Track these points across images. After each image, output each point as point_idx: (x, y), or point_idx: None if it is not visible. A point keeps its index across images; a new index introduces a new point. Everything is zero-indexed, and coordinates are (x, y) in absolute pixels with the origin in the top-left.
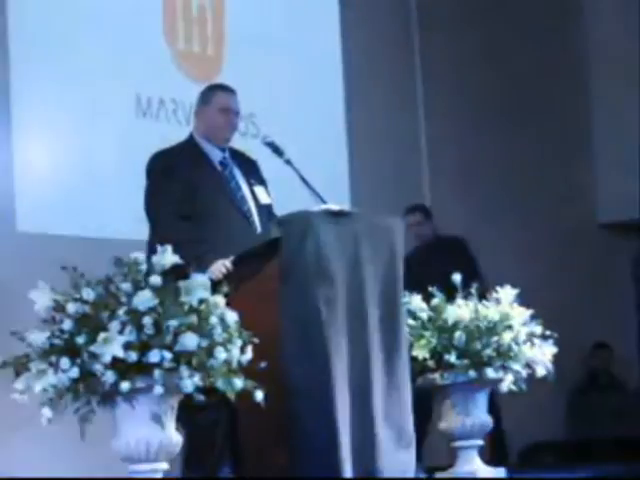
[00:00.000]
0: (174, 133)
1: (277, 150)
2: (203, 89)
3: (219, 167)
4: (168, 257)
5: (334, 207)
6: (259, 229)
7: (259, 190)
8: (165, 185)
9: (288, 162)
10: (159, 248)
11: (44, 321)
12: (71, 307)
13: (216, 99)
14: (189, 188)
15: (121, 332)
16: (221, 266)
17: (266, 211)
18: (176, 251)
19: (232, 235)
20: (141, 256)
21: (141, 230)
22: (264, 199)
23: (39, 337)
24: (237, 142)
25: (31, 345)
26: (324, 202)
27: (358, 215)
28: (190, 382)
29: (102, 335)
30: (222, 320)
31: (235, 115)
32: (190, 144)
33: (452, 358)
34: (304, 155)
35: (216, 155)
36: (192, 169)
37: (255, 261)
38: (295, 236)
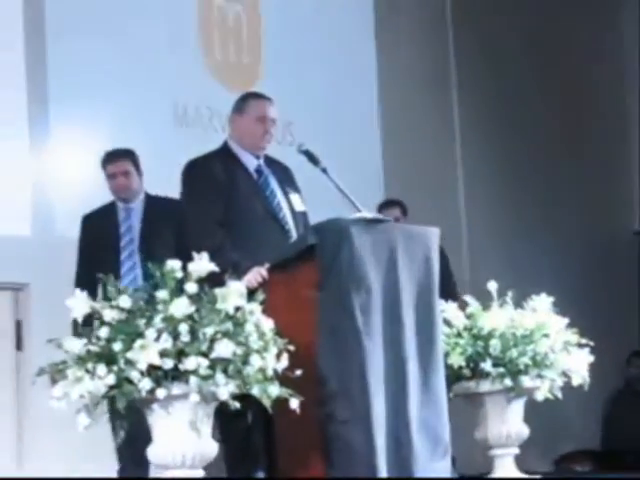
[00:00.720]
0: (210, 141)
1: (313, 158)
2: (239, 97)
3: (254, 175)
4: (204, 264)
5: (369, 215)
6: (294, 236)
7: (294, 197)
8: (201, 192)
9: (324, 170)
10: (195, 255)
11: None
12: (108, 314)
13: (252, 107)
14: (225, 195)
15: (157, 339)
16: (257, 274)
17: (301, 218)
18: (212, 258)
19: (268, 242)
20: (177, 263)
21: None
22: (299, 206)
23: (76, 344)
24: (274, 150)
25: (68, 352)
26: (359, 210)
27: (393, 223)
28: (226, 389)
29: (138, 342)
30: (258, 327)
31: (272, 123)
32: (225, 152)
33: (488, 366)
34: (339, 163)
35: (251, 163)
36: (227, 176)
37: (291, 268)
38: (331, 244)
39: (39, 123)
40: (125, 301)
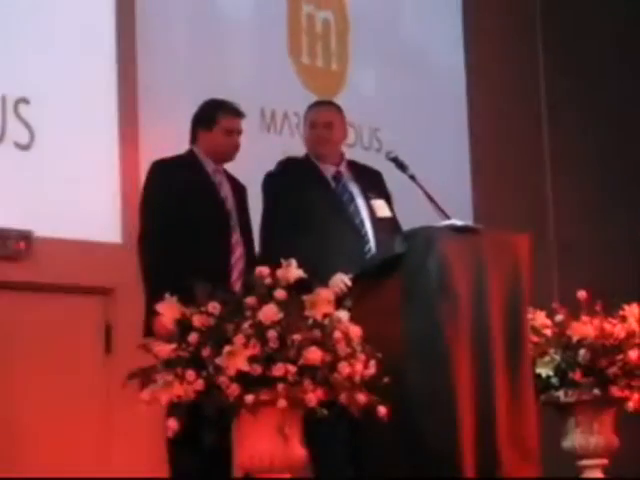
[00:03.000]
0: (297, 147)
1: (401, 165)
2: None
3: (332, 182)
4: (292, 271)
5: (458, 222)
6: (372, 242)
7: (377, 203)
8: (277, 203)
9: (412, 177)
10: (283, 262)
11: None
12: (197, 320)
13: (306, 116)
14: (302, 204)
15: (246, 345)
16: (339, 282)
17: (387, 225)
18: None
19: (342, 249)
20: (266, 270)
21: None
22: (382, 212)
23: (166, 349)
24: (361, 156)
25: (158, 357)
26: (448, 217)
27: (482, 231)
28: (313, 396)
29: (227, 348)
30: (346, 335)
31: (323, 128)
32: (305, 160)
33: (576, 376)
34: (427, 170)
35: (328, 170)
36: (304, 184)
37: (379, 276)
38: (418, 251)
39: (129, 133)
40: (215, 307)
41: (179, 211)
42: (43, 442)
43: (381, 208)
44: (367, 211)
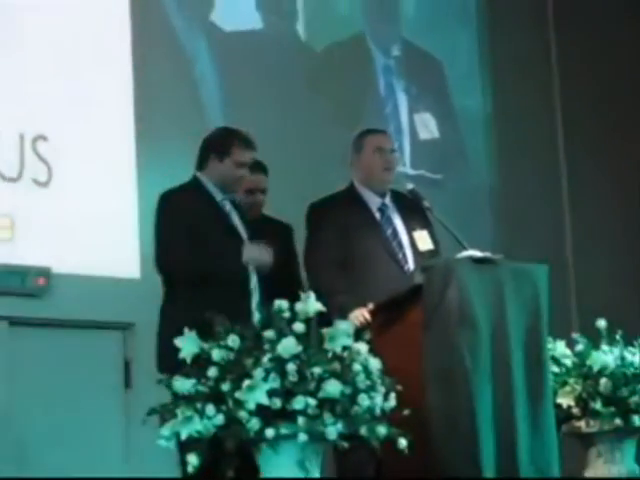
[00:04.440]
0: None
1: (418, 197)
2: (353, 138)
3: (377, 214)
4: (311, 304)
5: (477, 254)
6: None
7: (420, 235)
8: (320, 235)
9: (429, 209)
10: (302, 295)
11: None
12: (216, 354)
13: (368, 141)
14: (344, 236)
15: (265, 379)
16: (360, 315)
17: (429, 257)
18: (323, 298)
19: (384, 282)
20: (284, 303)
21: None
22: (424, 245)
23: (185, 384)
24: None
25: (177, 392)
26: (466, 248)
27: (501, 262)
28: (334, 429)
29: (247, 382)
30: (365, 367)
31: (390, 153)
32: (349, 192)
33: (598, 405)
34: (446, 202)
35: (374, 202)
36: (348, 217)
37: (399, 307)
38: (438, 283)
39: (147, 169)
40: (234, 341)
41: (193, 243)
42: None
43: (423, 240)
44: (410, 244)
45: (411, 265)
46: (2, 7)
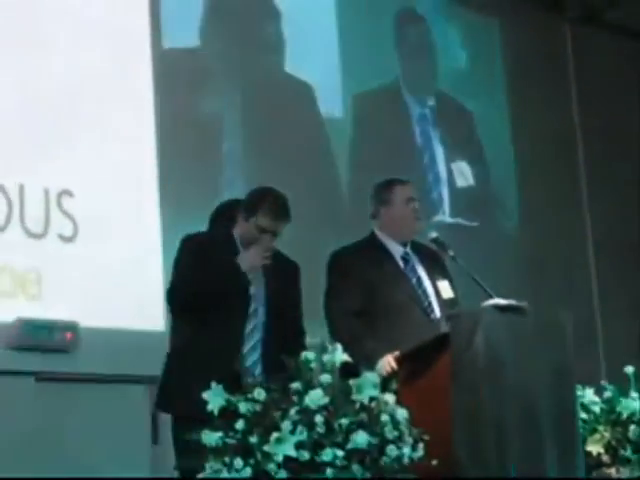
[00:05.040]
0: None
1: (442, 246)
2: (376, 189)
3: (401, 263)
4: (338, 355)
5: (502, 301)
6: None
7: (442, 285)
8: (342, 283)
9: (454, 258)
10: (329, 347)
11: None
12: (243, 407)
13: (399, 193)
14: (368, 286)
15: (293, 431)
16: (387, 364)
17: (451, 306)
18: (347, 349)
19: (412, 331)
20: (311, 354)
21: None
22: (447, 294)
23: (213, 437)
24: None
25: (205, 445)
26: (492, 296)
27: (527, 309)
28: None
29: (275, 435)
30: (393, 417)
31: (417, 204)
32: (371, 241)
33: (627, 452)
34: (476, 248)
35: (397, 250)
36: (372, 266)
37: (426, 356)
38: (464, 332)
39: (171, 222)
40: (260, 394)
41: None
42: None
43: (446, 289)
44: (434, 293)
45: (437, 313)
46: (30, 68)
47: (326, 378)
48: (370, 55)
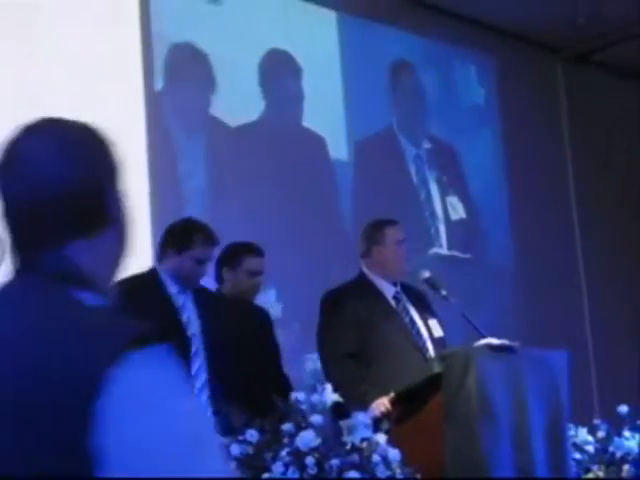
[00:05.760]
0: None
1: (434, 286)
2: (367, 229)
3: (393, 302)
4: (329, 396)
5: (495, 341)
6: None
7: (432, 323)
8: (336, 324)
9: (446, 298)
10: (319, 387)
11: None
12: (235, 449)
13: (390, 234)
14: (361, 326)
15: (284, 473)
16: (381, 404)
17: (441, 344)
18: (340, 389)
19: (409, 371)
20: (302, 395)
21: None
22: (437, 332)
23: None
24: None
25: None
26: (484, 336)
27: (520, 349)
28: None
29: (266, 476)
30: (384, 458)
31: (405, 245)
32: (362, 280)
33: None
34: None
35: (389, 290)
36: (365, 306)
37: (418, 396)
38: (457, 371)
39: None
40: (253, 435)
41: None
42: None
43: (436, 328)
44: (427, 332)
45: (432, 353)
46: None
47: (317, 419)
48: (369, 104)
